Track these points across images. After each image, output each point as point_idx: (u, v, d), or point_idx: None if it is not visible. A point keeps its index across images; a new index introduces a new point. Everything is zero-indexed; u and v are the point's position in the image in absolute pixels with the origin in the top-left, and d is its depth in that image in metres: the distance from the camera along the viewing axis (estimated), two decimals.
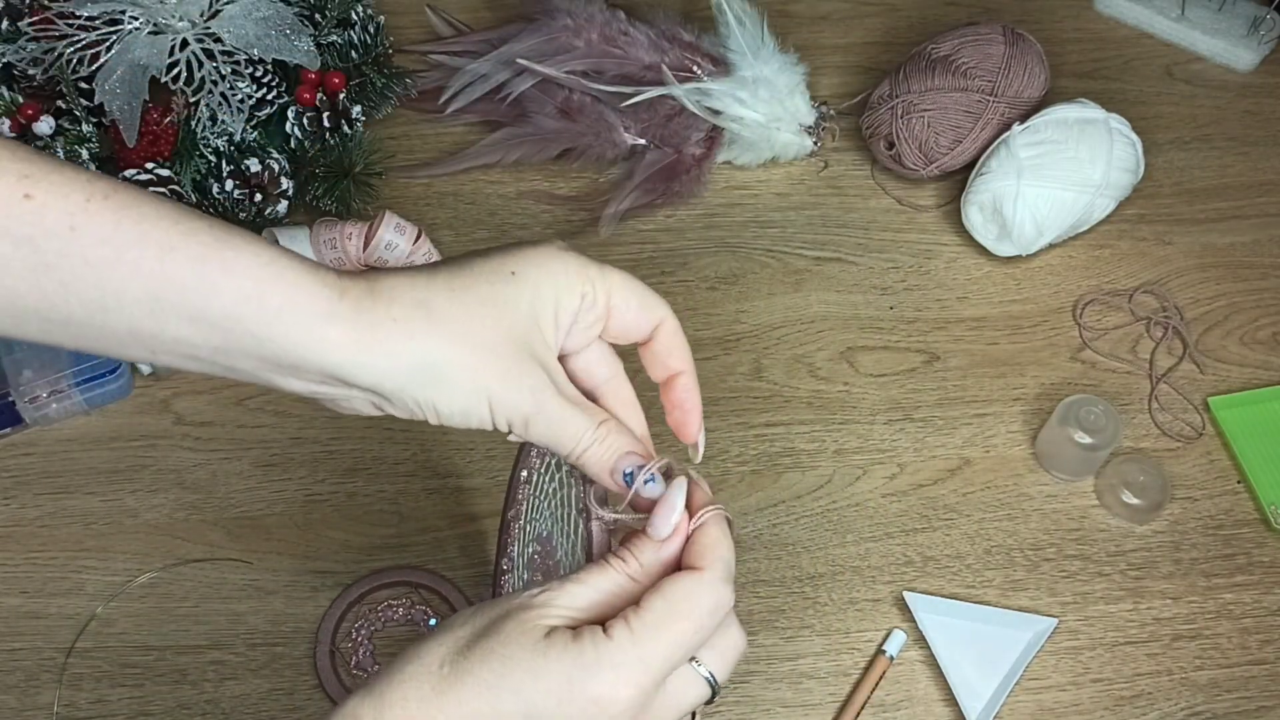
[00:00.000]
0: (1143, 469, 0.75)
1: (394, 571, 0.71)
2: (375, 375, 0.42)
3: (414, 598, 0.71)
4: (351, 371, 0.42)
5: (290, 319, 0.41)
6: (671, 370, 0.50)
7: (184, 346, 0.42)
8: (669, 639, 0.43)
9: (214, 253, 0.40)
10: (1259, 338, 0.84)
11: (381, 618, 0.70)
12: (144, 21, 0.78)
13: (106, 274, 0.40)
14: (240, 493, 0.73)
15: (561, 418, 0.46)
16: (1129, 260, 0.87)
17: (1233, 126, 0.95)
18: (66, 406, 0.74)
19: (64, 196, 0.40)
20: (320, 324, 0.41)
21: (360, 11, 0.88)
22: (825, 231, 0.87)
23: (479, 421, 0.45)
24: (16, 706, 0.65)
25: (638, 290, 0.49)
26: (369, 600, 0.70)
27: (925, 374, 0.81)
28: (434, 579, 0.71)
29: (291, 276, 0.41)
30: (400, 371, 0.43)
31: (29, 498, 0.72)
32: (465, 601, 0.69)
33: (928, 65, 0.86)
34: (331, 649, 0.68)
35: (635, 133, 0.87)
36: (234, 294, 0.41)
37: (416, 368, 0.43)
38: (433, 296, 0.43)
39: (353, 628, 0.69)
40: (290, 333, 0.41)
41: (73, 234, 0.39)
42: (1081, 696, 0.69)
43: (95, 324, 0.41)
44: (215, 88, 0.79)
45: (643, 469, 0.48)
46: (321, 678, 0.67)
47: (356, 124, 0.86)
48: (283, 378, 0.43)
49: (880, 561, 0.73)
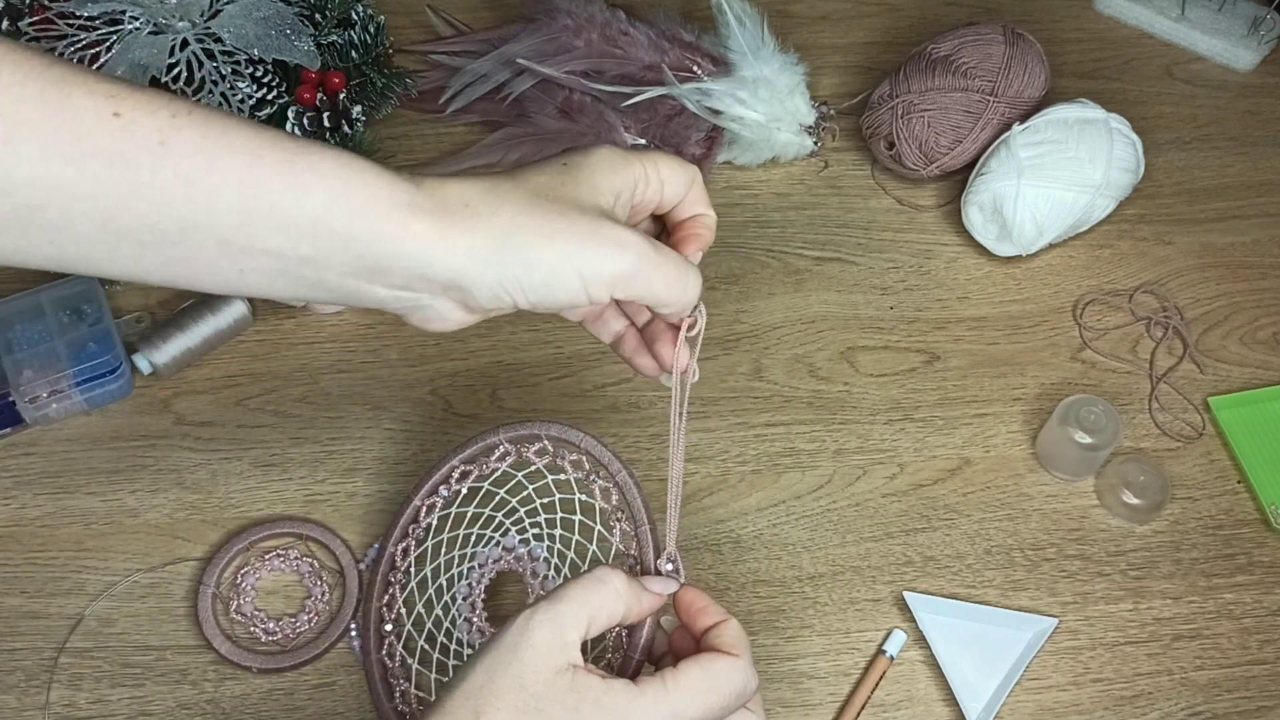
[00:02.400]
0: (1143, 469, 0.75)
1: (283, 522, 0.71)
2: (457, 260, 0.44)
3: (300, 549, 0.71)
4: (434, 262, 0.44)
5: (374, 214, 0.43)
6: (698, 211, 0.53)
7: (272, 261, 0.43)
8: (697, 706, 0.47)
9: (299, 157, 0.42)
10: (1259, 338, 0.84)
11: (268, 566, 0.70)
12: (144, 21, 0.78)
13: (198, 186, 0.41)
14: (240, 493, 0.73)
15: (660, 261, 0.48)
16: (1129, 260, 0.87)
17: (1233, 126, 0.95)
18: (66, 406, 0.74)
19: (151, 113, 0.40)
20: (402, 215, 0.43)
21: (360, 11, 0.88)
22: (825, 231, 0.87)
23: (566, 292, 0.46)
24: (17, 706, 0.65)
25: (676, 161, 0.52)
26: (256, 549, 0.71)
27: (925, 374, 0.81)
28: (323, 532, 0.71)
29: (371, 176, 0.43)
30: (480, 251, 0.44)
31: (29, 498, 0.72)
32: (352, 558, 0.70)
33: (928, 65, 0.86)
34: (214, 591, 0.69)
35: (635, 133, 0.87)
36: (322, 195, 0.42)
37: (496, 244, 0.44)
38: (498, 183, 0.45)
39: (239, 573, 0.70)
40: (375, 227, 0.43)
41: (163, 148, 0.40)
42: (1081, 696, 0.69)
43: (187, 242, 0.42)
44: (215, 88, 0.79)
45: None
46: (199, 618, 0.68)
47: (357, 124, 0.86)
48: (369, 284, 0.45)
49: (880, 561, 0.73)
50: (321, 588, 0.70)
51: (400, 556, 0.68)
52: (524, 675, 0.45)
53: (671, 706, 0.47)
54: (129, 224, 0.41)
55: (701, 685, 0.48)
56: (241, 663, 0.67)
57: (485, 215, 0.44)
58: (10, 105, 0.39)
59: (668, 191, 0.52)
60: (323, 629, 0.68)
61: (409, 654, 0.66)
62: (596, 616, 0.48)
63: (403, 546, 0.68)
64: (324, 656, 0.68)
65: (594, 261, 0.46)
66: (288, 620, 0.69)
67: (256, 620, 0.68)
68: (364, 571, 0.70)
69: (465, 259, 0.44)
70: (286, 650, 0.68)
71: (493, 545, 0.67)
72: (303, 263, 0.43)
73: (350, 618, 0.68)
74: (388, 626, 0.66)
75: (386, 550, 0.68)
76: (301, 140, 0.43)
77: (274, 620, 0.69)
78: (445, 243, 0.44)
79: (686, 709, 0.47)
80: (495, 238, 0.44)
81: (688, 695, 0.47)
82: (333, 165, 0.43)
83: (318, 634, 0.68)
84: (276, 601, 0.70)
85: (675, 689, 0.47)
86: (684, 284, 0.49)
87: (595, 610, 0.48)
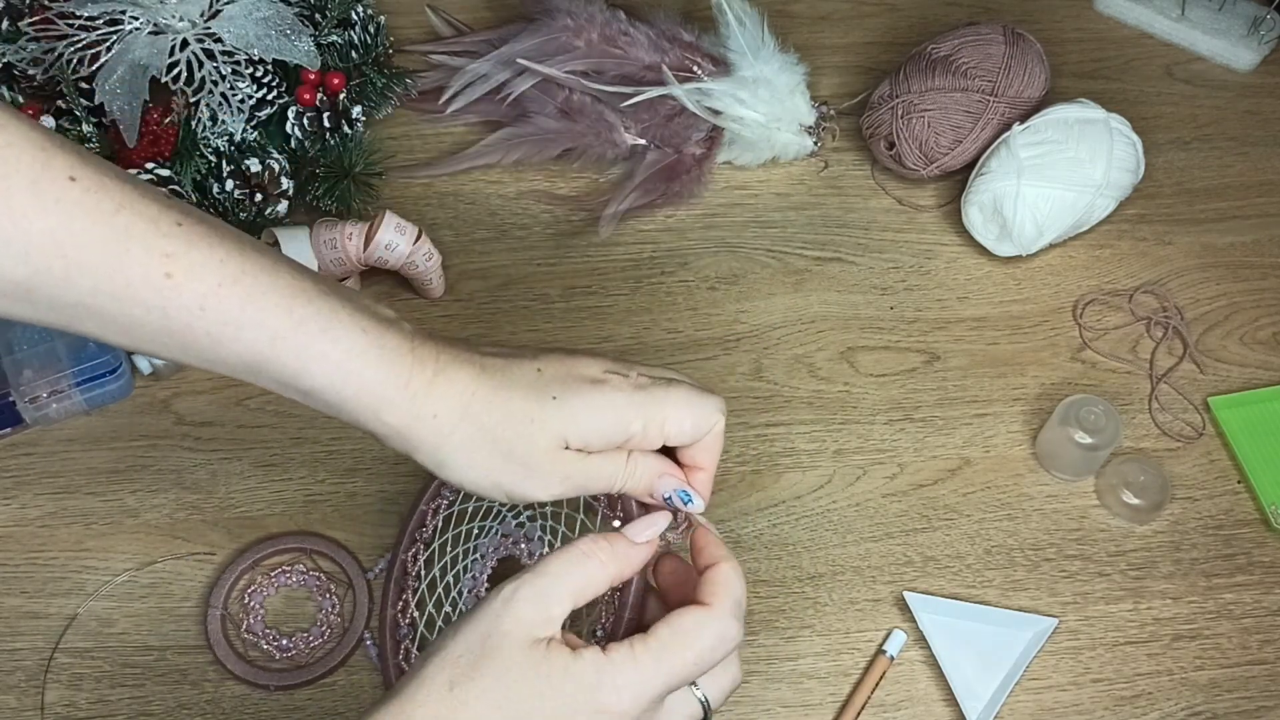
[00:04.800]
0: (1143, 469, 0.75)
1: (289, 537, 0.71)
2: (410, 448, 0.50)
3: (306, 564, 0.71)
4: (393, 442, 0.50)
5: (359, 404, 0.48)
6: (701, 463, 0.54)
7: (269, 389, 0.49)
8: (669, 666, 0.46)
9: (316, 343, 0.47)
10: (1259, 338, 0.84)
11: (275, 583, 0.70)
12: (144, 21, 0.78)
13: (222, 345, 0.46)
14: (240, 493, 0.73)
15: (587, 483, 0.51)
16: (1129, 260, 0.87)
17: (1233, 126, 0.95)
18: (66, 406, 0.74)
19: (199, 280, 0.45)
20: (382, 410, 0.49)
21: (360, 11, 0.88)
22: (825, 231, 0.87)
23: (499, 499, 0.52)
24: (17, 706, 0.65)
25: (693, 406, 0.52)
26: (263, 566, 0.71)
27: (925, 374, 0.81)
28: (327, 544, 0.71)
29: (370, 373, 0.48)
30: (430, 451, 0.50)
31: (29, 498, 0.72)
32: (359, 568, 0.70)
33: (928, 65, 0.86)
34: (223, 613, 0.68)
35: (635, 133, 0.87)
36: (323, 379, 0.47)
37: (446, 455, 0.50)
38: (474, 403, 0.49)
39: (245, 592, 0.70)
40: (356, 411, 0.49)
41: (202, 312, 0.45)
42: (1081, 696, 0.69)
43: (200, 367, 0.48)
44: (215, 88, 0.79)
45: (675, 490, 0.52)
46: (211, 641, 0.67)
47: (357, 124, 0.86)
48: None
49: (880, 561, 0.73)
50: (331, 600, 0.69)
51: (411, 563, 0.68)
52: (502, 647, 0.45)
53: (639, 672, 0.46)
54: (153, 348, 0.47)
55: (671, 643, 0.46)
56: (258, 681, 0.66)
57: (447, 432, 0.49)
58: (74, 249, 0.43)
59: (672, 437, 0.52)
60: (337, 641, 0.68)
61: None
62: (584, 590, 0.48)
63: (412, 553, 0.68)
64: (334, 672, 0.67)
65: (520, 491, 0.51)
66: (300, 636, 0.68)
67: (268, 638, 0.68)
68: (372, 580, 0.70)
69: (415, 450, 0.50)
70: (302, 666, 0.67)
71: (493, 534, 0.67)
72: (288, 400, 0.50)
73: (364, 627, 0.68)
74: (403, 631, 0.66)
75: (398, 558, 0.68)
76: (331, 318, 0.47)
77: (286, 637, 0.68)
78: (407, 435, 0.49)
79: (658, 671, 0.46)
80: (446, 451, 0.50)
81: (655, 656, 0.46)
82: (342, 355, 0.47)
83: (332, 646, 0.68)
84: (286, 618, 0.70)
85: (644, 652, 0.46)
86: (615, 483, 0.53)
87: (582, 585, 0.48)
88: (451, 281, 0.83)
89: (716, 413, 0.52)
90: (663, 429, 0.51)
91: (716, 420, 0.52)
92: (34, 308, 0.45)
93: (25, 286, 0.44)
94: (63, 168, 0.43)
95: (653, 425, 0.50)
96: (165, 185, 0.77)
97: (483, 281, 0.83)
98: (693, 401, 0.51)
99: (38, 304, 0.44)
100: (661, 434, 0.51)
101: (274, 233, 0.77)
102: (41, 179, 0.43)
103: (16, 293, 0.44)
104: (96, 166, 0.44)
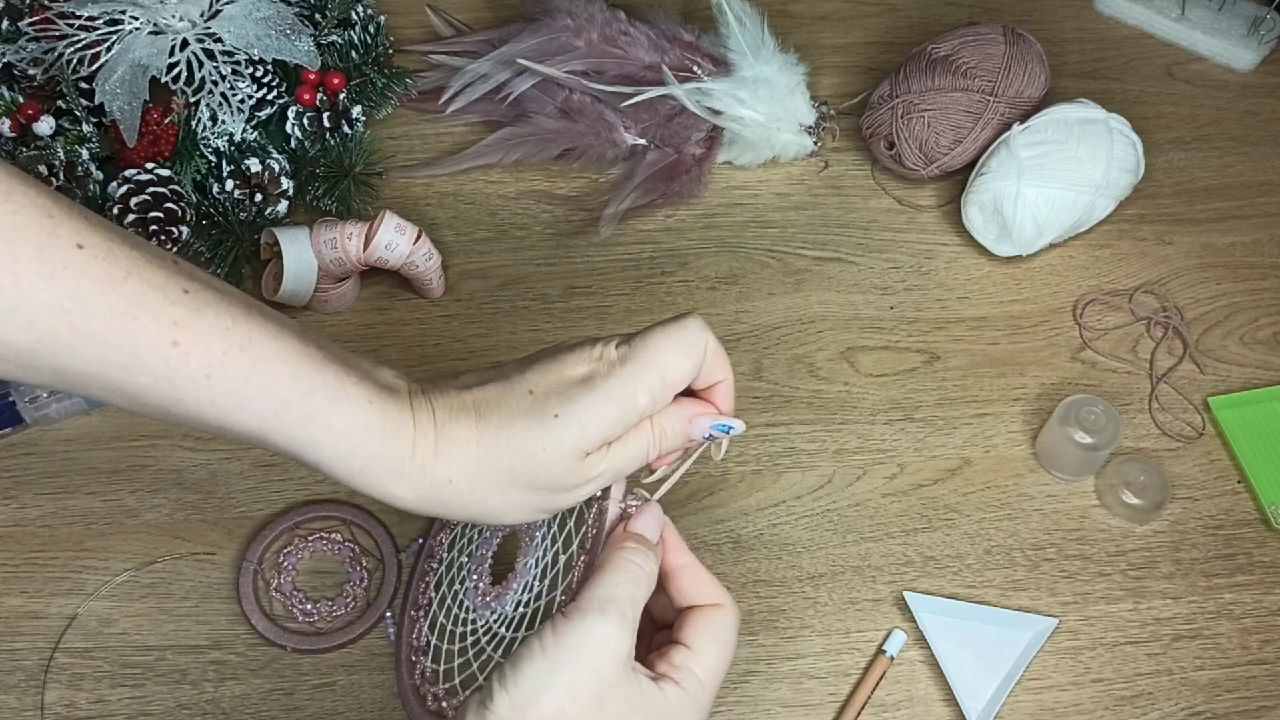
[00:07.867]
0: (1143, 469, 0.75)
1: (332, 505, 0.72)
2: (438, 513, 0.51)
3: (344, 533, 0.72)
4: (416, 510, 0.50)
5: (369, 477, 0.48)
6: (715, 379, 0.54)
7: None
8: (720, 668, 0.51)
9: (323, 415, 0.47)
10: (1259, 338, 0.84)
11: (310, 549, 0.71)
12: (144, 22, 0.78)
13: (226, 415, 0.46)
14: (240, 493, 0.73)
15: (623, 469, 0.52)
16: (1129, 260, 0.87)
17: (1233, 126, 0.95)
18: (67, 406, 0.74)
19: (206, 348, 0.45)
20: (390, 482, 0.49)
21: (360, 11, 0.88)
22: (825, 231, 0.87)
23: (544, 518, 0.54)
24: (17, 706, 0.65)
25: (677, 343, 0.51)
26: (303, 529, 0.72)
27: (925, 374, 0.81)
28: (366, 519, 0.72)
29: (377, 445, 0.48)
30: (459, 511, 0.51)
31: (29, 498, 0.72)
32: (394, 547, 0.71)
33: (928, 65, 0.86)
34: (256, 568, 0.69)
35: (635, 133, 0.87)
36: (329, 452, 0.47)
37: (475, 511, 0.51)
38: (482, 455, 0.49)
39: (281, 552, 0.71)
40: (366, 484, 0.49)
41: (208, 381, 0.45)
42: (1081, 696, 0.69)
43: (205, 432, 0.48)
44: (215, 88, 0.79)
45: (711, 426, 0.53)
46: (240, 594, 0.69)
47: (357, 124, 0.86)
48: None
49: (880, 561, 0.73)
50: (360, 573, 0.70)
51: (437, 546, 0.68)
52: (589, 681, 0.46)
53: (704, 689, 0.49)
54: (158, 413, 0.46)
55: (718, 651, 0.50)
56: (277, 641, 0.67)
57: (466, 491, 0.49)
58: (81, 318, 0.43)
59: (678, 382, 0.51)
60: (359, 614, 0.69)
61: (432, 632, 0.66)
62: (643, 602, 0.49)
63: (440, 537, 0.68)
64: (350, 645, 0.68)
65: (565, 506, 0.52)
66: (325, 603, 0.69)
67: (295, 600, 0.69)
68: (404, 560, 0.71)
69: (446, 511, 0.50)
70: (321, 633, 0.68)
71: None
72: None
73: (387, 605, 0.69)
74: (415, 611, 0.67)
75: (427, 542, 0.68)
76: (338, 390, 0.47)
77: (311, 602, 0.69)
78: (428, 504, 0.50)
79: (713, 680, 0.50)
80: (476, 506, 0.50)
81: (711, 664, 0.50)
82: (348, 429, 0.47)
83: (354, 619, 0.69)
84: (315, 582, 0.70)
85: (701, 672, 0.49)
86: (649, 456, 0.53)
87: (643, 598, 0.49)
88: (451, 281, 0.83)
89: (700, 332, 0.51)
90: (665, 382, 0.50)
91: (704, 338, 0.51)
92: (38, 373, 0.44)
93: (30, 353, 0.43)
94: (70, 234, 0.42)
95: (655, 387, 0.50)
96: (165, 185, 0.77)
97: (483, 281, 0.83)
98: (674, 338, 0.50)
99: (42, 370, 0.44)
100: (667, 388, 0.50)
101: (274, 232, 0.77)
102: (48, 246, 0.42)
103: (21, 359, 0.43)
104: (105, 232, 0.44)
